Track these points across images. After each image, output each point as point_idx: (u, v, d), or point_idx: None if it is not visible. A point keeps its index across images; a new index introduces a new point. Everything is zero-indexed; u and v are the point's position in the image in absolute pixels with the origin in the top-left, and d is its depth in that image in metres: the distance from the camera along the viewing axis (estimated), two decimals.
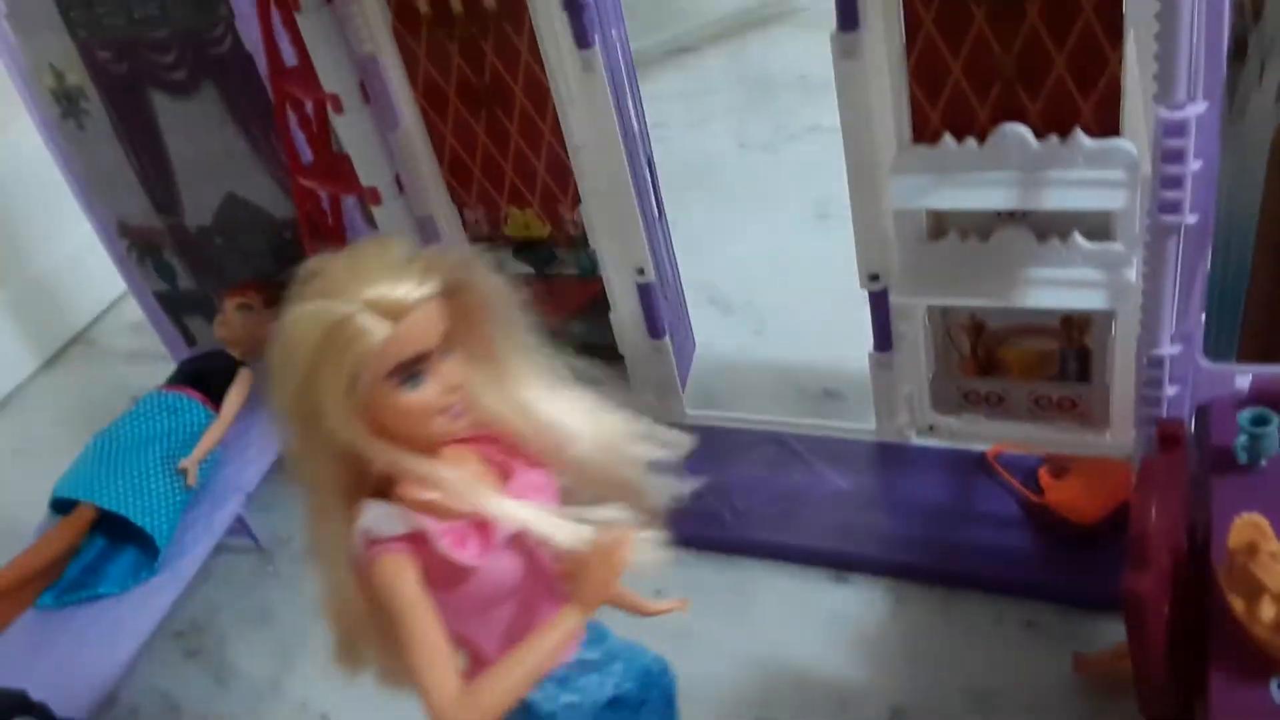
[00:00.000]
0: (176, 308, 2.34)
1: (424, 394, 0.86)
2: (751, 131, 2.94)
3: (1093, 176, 1.32)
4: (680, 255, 1.94)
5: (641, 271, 1.80)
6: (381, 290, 0.83)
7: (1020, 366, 1.60)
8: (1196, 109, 1.00)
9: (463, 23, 1.64)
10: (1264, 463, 1.06)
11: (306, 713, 1.66)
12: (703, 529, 1.72)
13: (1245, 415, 1.06)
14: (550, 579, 0.96)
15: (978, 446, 1.70)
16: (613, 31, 1.62)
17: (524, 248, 1.88)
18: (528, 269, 1.89)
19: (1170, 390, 1.19)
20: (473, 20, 1.63)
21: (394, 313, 0.83)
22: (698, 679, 1.51)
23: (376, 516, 0.87)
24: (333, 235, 1.93)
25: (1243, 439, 1.06)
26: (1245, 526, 0.93)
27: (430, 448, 0.89)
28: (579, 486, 0.97)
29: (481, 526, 0.89)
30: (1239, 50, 1.10)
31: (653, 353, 1.89)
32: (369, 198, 1.72)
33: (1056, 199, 1.34)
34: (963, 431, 1.71)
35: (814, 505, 1.71)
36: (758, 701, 1.47)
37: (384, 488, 0.90)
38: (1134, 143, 1.31)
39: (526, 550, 0.93)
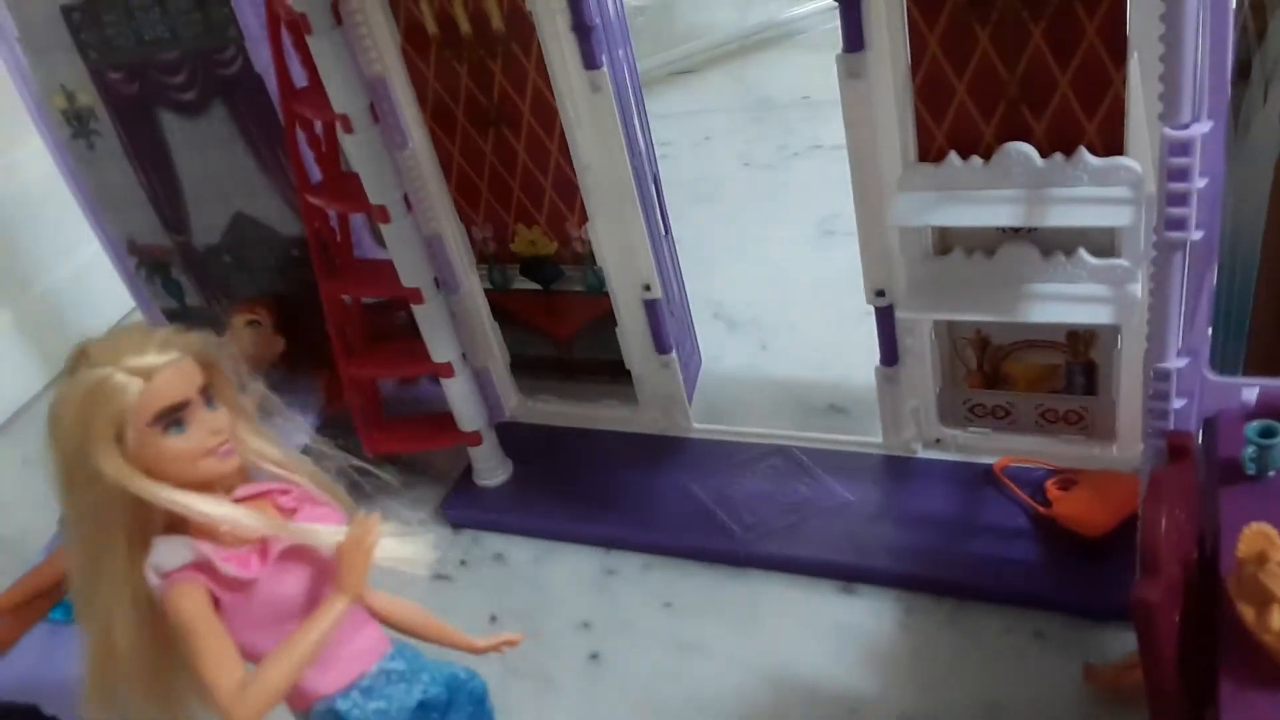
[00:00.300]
0: (184, 325, 2.34)
1: (188, 438, 1.00)
2: (755, 150, 2.97)
3: (1098, 194, 1.34)
4: (686, 272, 1.96)
5: (648, 288, 1.82)
6: (131, 356, 0.98)
7: (1026, 380, 1.61)
8: (1201, 128, 1.02)
9: (471, 44, 1.66)
10: (1271, 474, 1.08)
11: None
12: (711, 541, 1.73)
13: (1253, 427, 1.08)
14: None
15: (984, 459, 1.72)
16: (619, 51, 1.64)
17: (531, 265, 1.90)
18: (535, 286, 1.91)
19: (1177, 403, 1.20)
20: (481, 42, 1.65)
21: (143, 372, 0.98)
22: (707, 690, 1.53)
23: (162, 551, 1.01)
24: (340, 253, 1.94)
25: (1250, 450, 1.08)
26: (1255, 536, 0.94)
27: (209, 489, 1.03)
28: None
29: (263, 548, 1.04)
30: (1243, 72, 1.12)
31: (659, 368, 1.91)
32: (377, 216, 1.74)
33: (1061, 216, 1.36)
34: (969, 445, 1.73)
35: (821, 517, 1.72)
36: (767, 713, 1.48)
37: (176, 526, 1.03)
38: (1138, 160, 1.33)
39: (314, 565, 1.07)
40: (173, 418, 0.99)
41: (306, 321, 2.10)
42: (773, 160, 2.88)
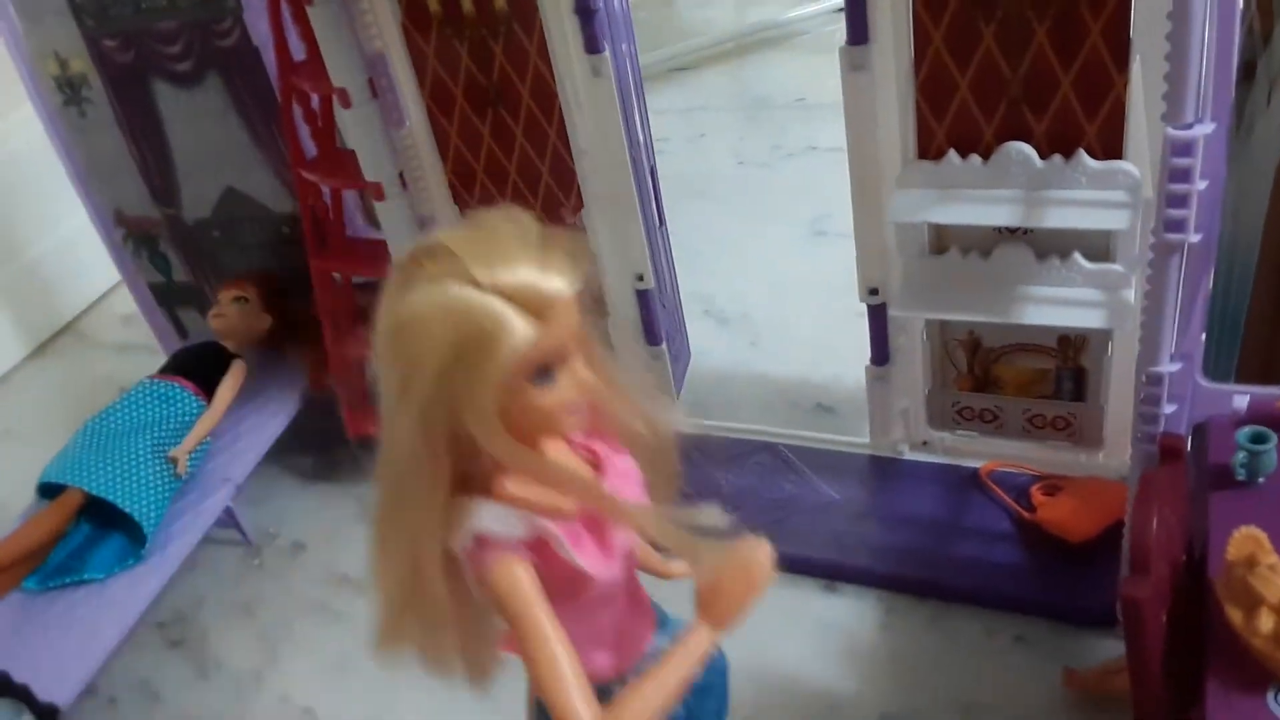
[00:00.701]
0: (170, 300, 2.32)
1: (560, 392, 0.80)
2: (749, 149, 2.96)
3: (1095, 197, 1.34)
4: (678, 267, 1.96)
5: (641, 278, 1.80)
6: (527, 280, 0.74)
7: (1016, 384, 1.61)
8: (1204, 129, 1.02)
9: (473, 23, 1.64)
10: (1261, 480, 1.08)
11: (288, 707, 1.65)
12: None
13: (1244, 433, 1.08)
14: (634, 581, 0.95)
15: (971, 463, 1.71)
16: (623, 45, 1.63)
17: None
18: None
19: (1168, 408, 1.20)
20: (483, 21, 1.64)
21: (542, 310, 0.75)
22: None
23: (495, 517, 0.81)
24: (333, 230, 1.93)
25: (1241, 456, 1.07)
26: (1244, 540, 0.94)
27: (536, 444, 0.84)
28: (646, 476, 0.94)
29: (594, 528, 0.85)
30: (1247, 73, 1.12)
31: (649, 360, 1.90)
32: (373, 193, 1.72)
33: (1059, 218, 1.36)
34: (956, 448, 1.72)
35: (806, 515, 1.71)
36: (748, 709, 1.46)
37: (476, 484, 0.84)
38: (1136, 165, 1.33)
39: (627, 553, 0.90)
40: (549, 367, 0.79)
41: (295, 300, 2.09)
42: (767, 159, 2.88)
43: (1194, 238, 1.07)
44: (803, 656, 1.53)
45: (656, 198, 1.83)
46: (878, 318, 1.65)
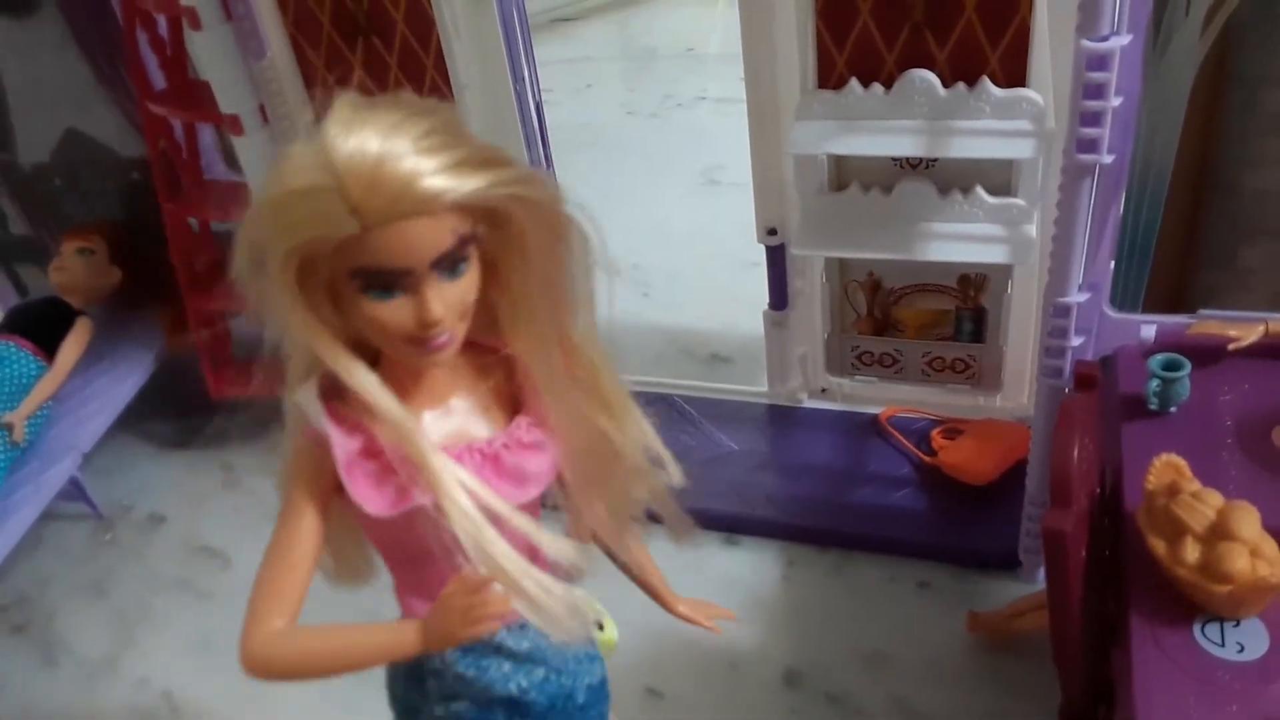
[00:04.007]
0: (7, 255, 2.12)
1: (391, 312, 0.71)
2: (638, 100, 2.88)
3: (999, 126, 1.30)
4: None
5: None
6: (370, 175, 0.65)
7: (916, 325, 1.57)
8: (1120, 41, 0.97)
9: None
10: (1173, 409, 1.05)
11: (146, 691, 1.51)
12: None
13: (1157, 360, 1.04)
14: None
15: (870, 409, 1.68)
16: None
17: None
18: None
19: (1075, 340, 1.16)
20: None
21: (369, 216, 0.66)
22: None
23: (306, 397, 0.76)
24: (187, 172, 1.76)
25: (1154, 384, 1.04)
26: (1165, 468, 0.90)
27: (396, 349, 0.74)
28: (573, 470, 0.83)
29: (413, 471, 0.74)
30: None
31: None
32: (230, 127, 1.57)
33: (962, 148, 1.31)
34: (855, 394, 1.68)
35: (704, 467, 1.64)
36: (648, 667, 1.40)
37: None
38: (1040, 94, 1.29)
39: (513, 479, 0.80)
40: (383, 280, 0.70)
41: (148, 251, 1.91)
42: (656, 110, 2.80)
43: (1107, 159, 1.03)
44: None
45: (543, 136, 1.73)
46: (776, 259, 1.58)
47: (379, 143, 0.65)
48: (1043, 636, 1.28)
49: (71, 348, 1.80)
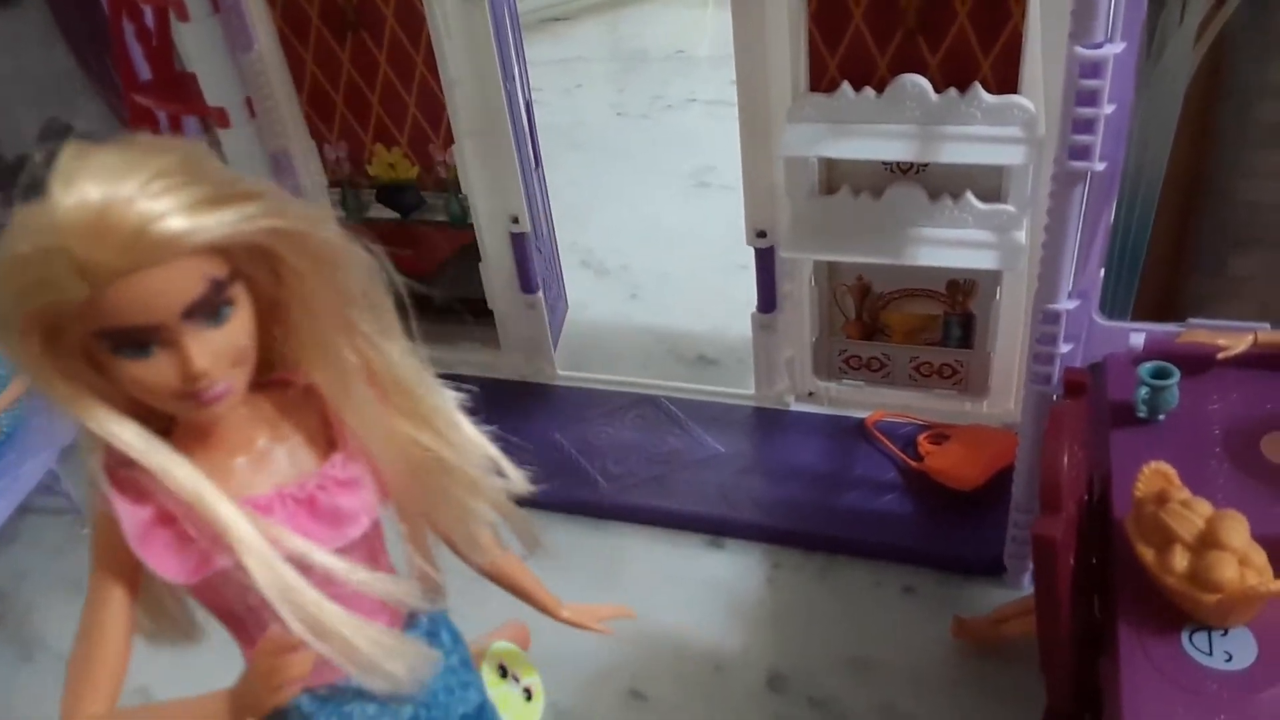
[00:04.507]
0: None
1: (151, 371, 0.65)
2: (628, 101, 2.87)
3: (990, 132, 1.30)
4: (555, 219, 1.85)
5: (516, 220, 1.69)
6: (93, 227, 0.60)
7: (904, 330, 1.57)
8: (1114, 49, 0.97)
9: None
10: (1162, 417, 1.05)
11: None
12: (573, 492, 1.63)
13: (1147, 368, 1.04)
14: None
15: (857, 414, 1.67)
16: None
17: (390, 191, 1.74)
18: (393, 215, 1.76)
19: (1064, 347, 1.16)
20: None
21: (98, 274, 0.61)
22: (567, 649, 1.42)
23: (92, 468, 0.70)
24: None
25: (1143, 392, 1.04)
26: (1154, 475, 0.90)
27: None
28: (404, 495, 0.79)
29: (209, 532, 0.69)
30: None
31: (524, 309, 1.79)
32: (216, 119, 1.56)
33: (953, 153, 1.31)
34: (843, 398, 1.68)
35: (690, 469, 1.64)
36: (630, 671, 1.39)
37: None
38: (1031, 101, 1.29)
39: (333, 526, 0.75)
40: (132, 339, 0.65)
41: None
42: (646, 111, 2.79)
43: (1099, 166, 1.03)
44: (688, 614, 1.46)
45: (532, 135, 1.72)
46: (765, 262, 1.58)
47: (101, 190, 0.60)
48: (1028, 643, 1.28)
49: None
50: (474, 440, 0.80)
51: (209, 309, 0.66)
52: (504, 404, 1.78)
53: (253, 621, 0.75)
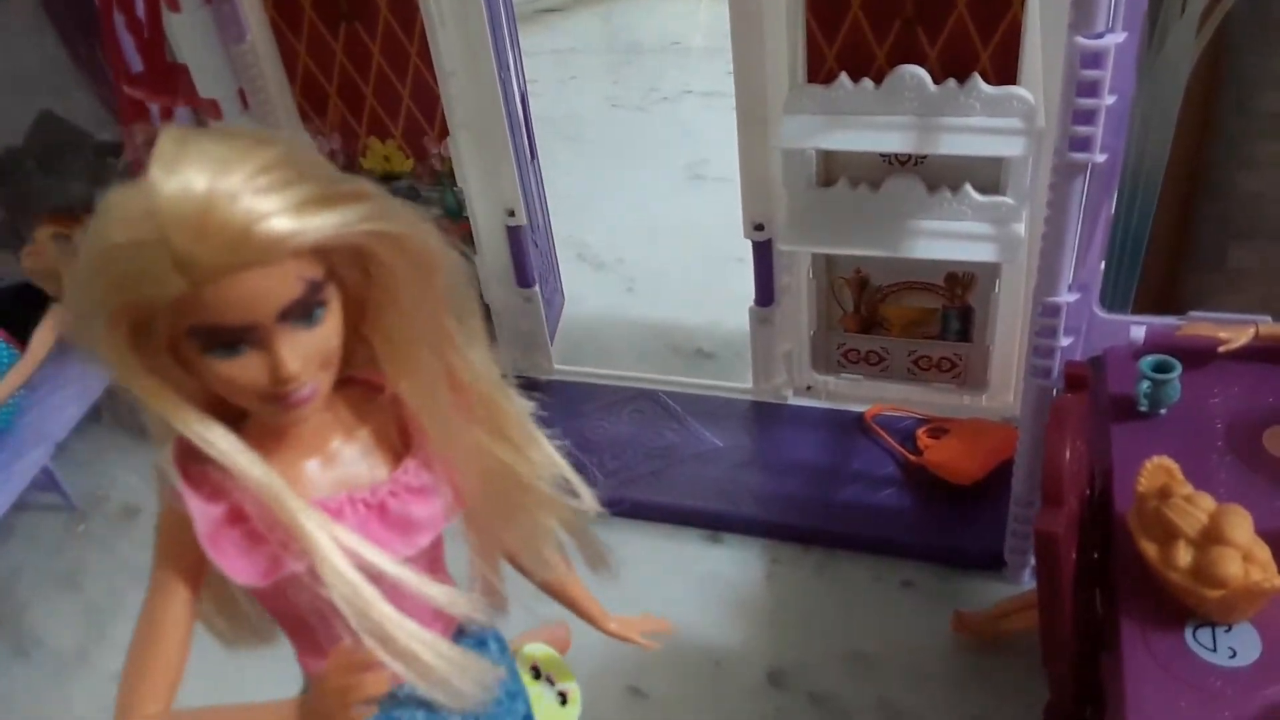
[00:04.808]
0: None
1: (241, 370, 0.64)
2: (623, 93, 2.86)
3: (989, 124, 1.29)
4: (550, 211, 1.84)
5: (512, 213, 1.68)
6: (198, 221, 0.58)
7: (902, 324, 1.56)
8: (1115, 39, 0.96)
9: None
10: (1163, 411, 1.04)
11: (118, 684, 1.48)
12: (570, 487, 1.61)
13: (1148, 362, 1.04)
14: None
15: (855, 408, 1.66)
16: None
17: (384, 184, 1.72)
18: None
19: (1064, 340, 1.15)
20: None
21: (199, 271, 0.59)
22: None
23: (164, 463, 0.68)
24: None
25: (1145, 386, 1.04)
26: (1157, 470, 0.89)
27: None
28: (476, 506, 0.77)
29: (283, 535, 0.68)
30: None
31: (521, 303, 1.78)
32: (208, 111, 1.54)
33: (952, 145, 1.30)
34: (841, 392, 1.67)
35: (687, 464, 1.63)
36: (629, 668, 1.38)
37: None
38: (1030, 92, 1.28)
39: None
40: (224, 338, 0.63)
41: None
42: (641, 103, 2.78)
43: (1099, 158, 1.02)
44: (686, 611, 1.45)
45: (528, 127, 1.71)
46: (763, 255, 1.57)
47: (207, 181, 0.58)
48: (1028, 637, 1.27)
49: (44, 335, 1.76)
50: (549, 456, 0.79)
51: (304, 310, 0.64)
52: None
53: (322, 631, 0.72)
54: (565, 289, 1.99)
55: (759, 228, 1.54)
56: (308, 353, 0.65)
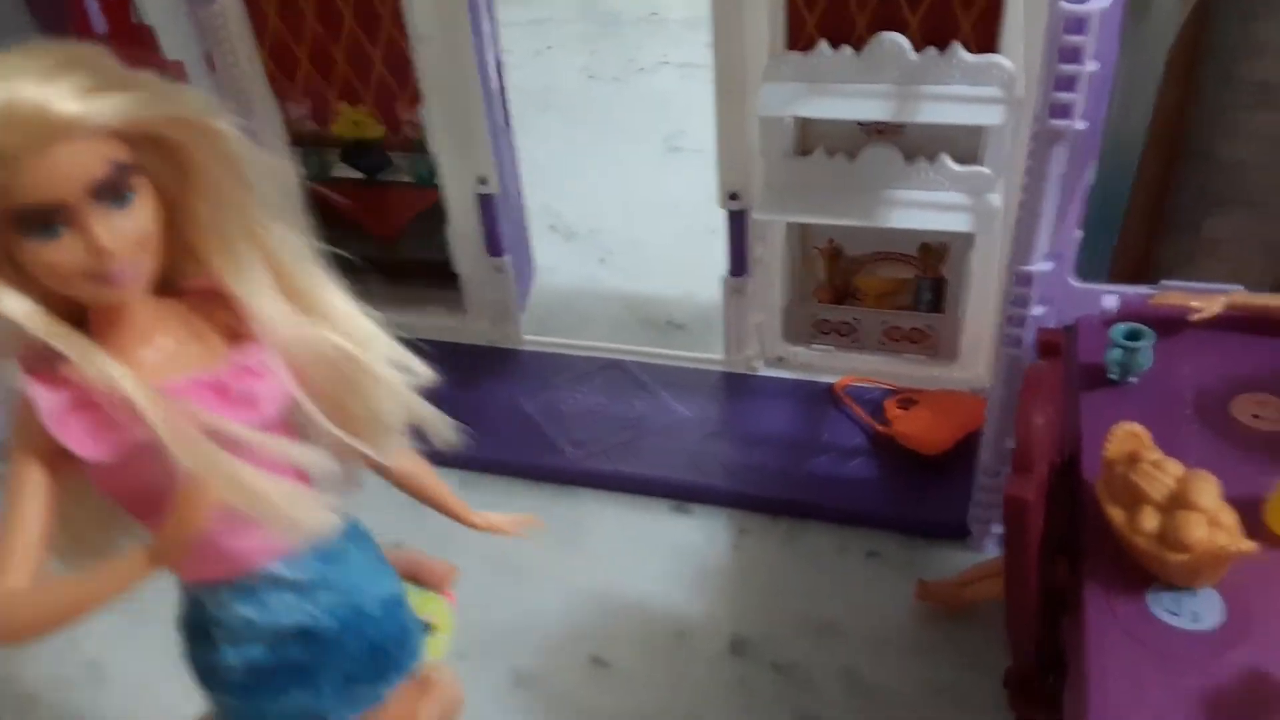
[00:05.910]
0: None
1: (60, 252, 0.69)
2: (600, 64, 2.83)
3: (969, 92, 1.28)
4: (524, 182, 1.82)
5: (484, 181, 1.66)
6: (1, 120, 0.65)
7: (875, 294, 1.56)
8: (1099, 4, 0.95)
9: None
10: (1133, 379, 1.04)
11: (70, 660, 1.45)
12: (538, 458, 1.61)
13: (1119, 329, 1.03)
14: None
15: (826, 378, 1.66)
16: None
17: (354, 150, 1.70)
18: (358, 175, 1.72)
19: (1037, 309, 1.15)
20: None
21: (4, 153, 0.66)
22: (531, 614, 1.42)
23: (4, 358, 0.75)
24: None
25: (1116, 354, 1.03)
26: (1125, 436, 0.89)
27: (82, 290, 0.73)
28: (313, 390, 0.82)
29: (128, 411, 0.73)
30: None
31: (491, 272, 1.76)
32: (174, 74, 1.50)
33: (931, 113, 1.29)
34: (812, 363, 1.67)
35: (656, 434, 1.62)
36: (594, 636, 1.38)
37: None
38: (1010, 61, 1.27)
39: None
40: (39, 219, 0.69)
41: None
42: (618, 74, 2.75)
43: (1079, 125, 1.02)
44: (652, 580, 1.44)
45: (502, 95, 1.68)
46: (737, 225, 1.56)
47: (7, 81, 0.65)
48: (992, 606, 1.28)
49: None
50: (378, 337, 0.84)
51: (113, 192, 0.70)
52: (469, 369, 1.75)
53: (171, 501, 0.76)
54: (537, 259, 1.97)
55: (734, 197, 1.53)
56: (122, 232, 0.70)
